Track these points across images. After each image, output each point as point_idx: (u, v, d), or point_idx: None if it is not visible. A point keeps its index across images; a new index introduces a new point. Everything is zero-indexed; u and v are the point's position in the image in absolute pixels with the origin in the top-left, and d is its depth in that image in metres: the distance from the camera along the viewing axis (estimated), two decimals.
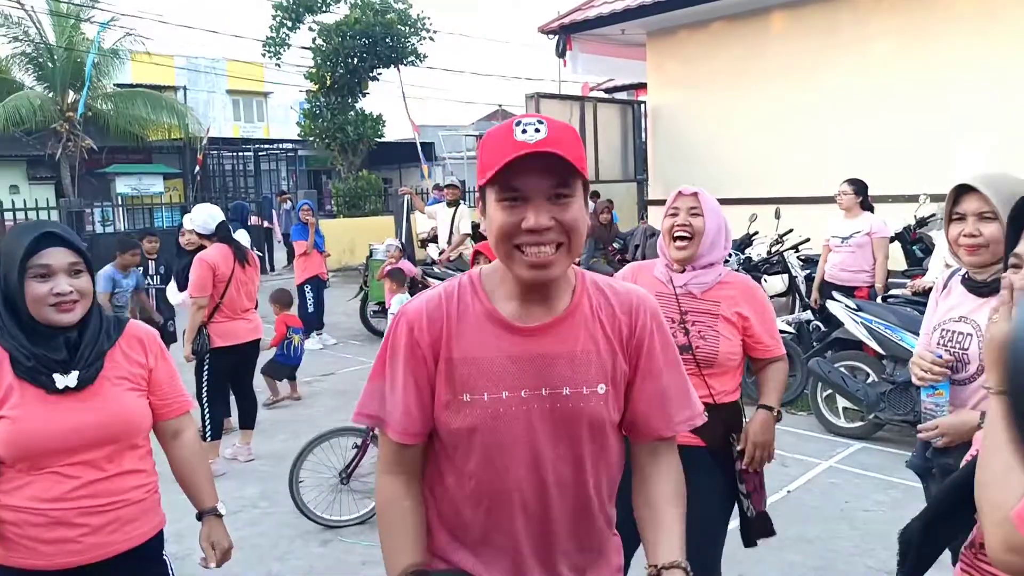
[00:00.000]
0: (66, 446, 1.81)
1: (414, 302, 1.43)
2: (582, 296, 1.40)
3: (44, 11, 17.42)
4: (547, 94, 10.14)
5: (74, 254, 1.86)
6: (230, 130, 26.20)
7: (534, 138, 1.24)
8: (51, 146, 17.37)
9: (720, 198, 8.35)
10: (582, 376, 1.36)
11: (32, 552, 1.83)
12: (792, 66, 8.65)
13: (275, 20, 17.36)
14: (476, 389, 1.34)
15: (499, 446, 1.35)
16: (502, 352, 1.35)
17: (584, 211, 1.34)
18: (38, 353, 1.81)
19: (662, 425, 1.43)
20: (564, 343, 1.36)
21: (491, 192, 1.30)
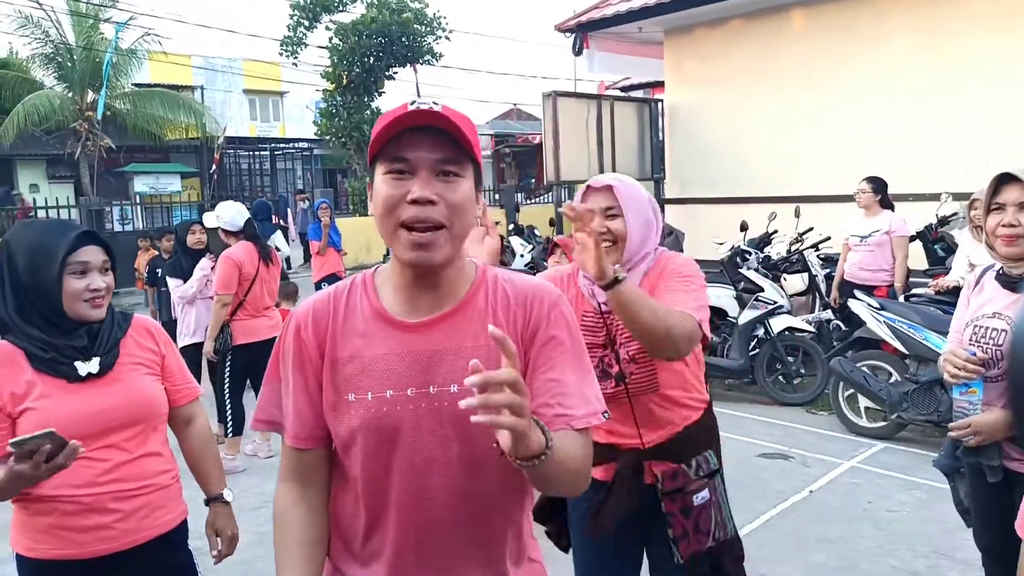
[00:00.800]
0: (93, 430, 1.86)
1: (304, 302, 1.38)
2: (478, 290, 1.32)
3: (64, 11, 17.59)
4: (564, 92, 10.11)
5: (105, 253, 1.97)
6: (246, 129, 26.36)
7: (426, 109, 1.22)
8: (70, 145, 17.53)
9: (739, 196, 8.33)
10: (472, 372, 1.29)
11: (65, 541, 1.85)
12: (811, 64, 8.58)
13: (292, 19, 17.45)
14: (360, 389, 1.28)
15: (384, 448, 1.27)
16: (387, 349, 1.28)
17: (473, 198, 1.27)
18: (57, 344, 1.87)
19: (558, 421, 1.26)
20: (453, 338, 1.28)
21: (379, 167, 1.25)
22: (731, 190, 9.13)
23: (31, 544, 1.88)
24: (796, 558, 3.65)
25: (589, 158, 10.04)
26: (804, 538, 3.83)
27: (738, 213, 7.54)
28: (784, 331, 6.13)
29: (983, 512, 2.33)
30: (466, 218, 1.26)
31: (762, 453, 5.01)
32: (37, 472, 1.63)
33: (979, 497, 2.32)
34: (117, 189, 19.42)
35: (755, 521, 4.03)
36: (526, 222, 14.07)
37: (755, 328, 6.25)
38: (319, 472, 1.37)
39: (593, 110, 10.09)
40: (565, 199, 16.70)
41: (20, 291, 1.89)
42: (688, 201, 9.88)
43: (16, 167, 20.48)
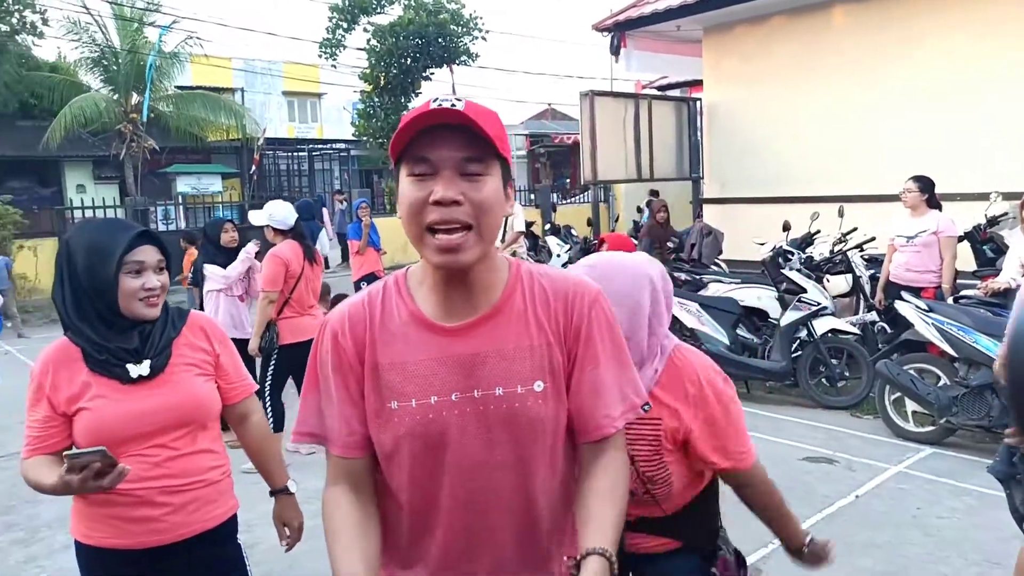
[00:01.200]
0: (143, 431, 1.90)
1: (338, 308, 1.35)
2: (514, 288, 1.30)
3: (109, 15, 18.00)
4: (601, 91, 10.06)
5: (160, 252, 1.99)
6: (285, 131, 26.69)
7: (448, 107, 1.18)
8: (116, 147, 17.93)
9: (780, 196, 8.23)
10: (516, 374, 1.25)
11: (118, 531, 1.91)
12: (855, 61, 8.43)
13: (331, 22, 17.64)
14: (404, 395, 1.26)
15: (431, 455, 1.26)
16: (428, 354, 1.26)
17: (501, 196, 1.23)
18: (111, 346, 1.90)
19: (602, 421, 1.29)
20: (493, 340, 1.26)
21: (403, 168, 1.22)
22: (772, 189, 9.01)
23: (87, 532, 1.94)
24: (842, 563, 3.57)
25: (626, 158, 9.99)
26: (850, 543, 3.76)
27: (779, 213, 7.44)
28: (828, 333, 6.03)
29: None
30: (493, 217, 1.23)
31: (806, 457, 4.93)
32: (84, 486, 1.67)
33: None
34: (160, 189, 19.81)
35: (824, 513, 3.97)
36: (562, 222, 14.04)
37: (797, 330, 6.16)
38: (369, 477, 1.34)
39: (631, 109, 10.03)
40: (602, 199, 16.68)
41: (78, 290, 1.92)
42: (727, 201, 9.77)
43: (64, 168, 21.00)
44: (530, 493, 1.29)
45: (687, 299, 6.56)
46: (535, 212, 16.01)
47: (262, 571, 2.22)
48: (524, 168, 26.44)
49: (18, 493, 4.71)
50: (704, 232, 8.94)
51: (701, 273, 7.91)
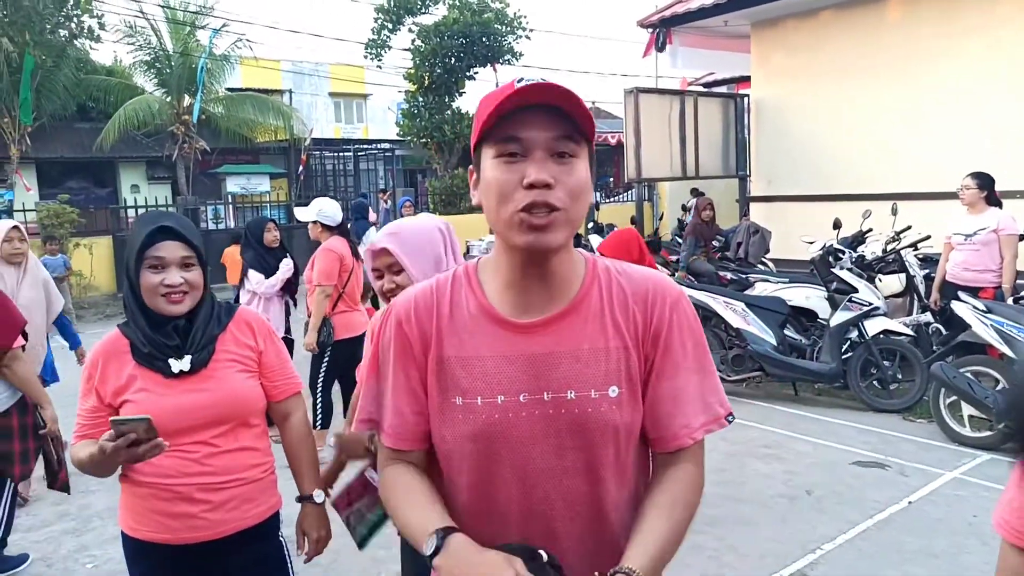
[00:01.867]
0: (183, 425, 1.90)
1: (404, 295, 1.30)
2: (591, 287, 1.23)
3: (162, 19, 18.46)
4: (646, 88, 9.94)
5: (187, 248, 1.93)
6: (331, 131, 27.05)
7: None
8: (168, 147, 18.40)
9: (830, 194, 8.06)
10: (590, 378, 1.18)
11: (160, 526, 1.92)
12: (910, 55, 8.17)
13: (376, 23, 17.81)
14: (469, 392, 1.19)
15: (495, 458, 1.20)
16: (497, 352, 1.20)
17: (590, 181, 1.18)
18: (154, 340, 1.91)
19: (680, 432, 1.22)
20: (567, 340, 1.19)
21: (487, 151, 1.16)
22: (821, 187, 8.79)
23: (133, 524, 1.97)
24: (895, 572, 3.47)
25: (671, 155, 9.85)
26: (903, 551, 3.64)
27: (829, 211, 7.26)
28: (880, 334, 5.86)
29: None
30: (582, 202, 1.16)
31: (856, 461, 4.79)
32: (117, 455, 1.68)
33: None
34: (211, 189, 20.24)
35: (849, 532, 3.86)
36: (606, 220, 13.94)
37: (848, 330, 5.99)
38: (423, 471, 1.29)
39: (676, 106, 9.89)
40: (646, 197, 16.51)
41: (130, 284, 1.94)
42: (775, 199, 9.57)
43: (119, 169, 21.62)
44: (598, 502, 1.22)
45: (733, 298, 6.44)
46: None
47: (301, 562, 2.21)
48: None
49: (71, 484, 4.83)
50: (751, 231, 8.78)
51: (747, 272, 7.77)
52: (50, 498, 4.45)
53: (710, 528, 3.92)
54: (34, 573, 3.68)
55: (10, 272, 4.03)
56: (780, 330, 6.30)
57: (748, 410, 5.93)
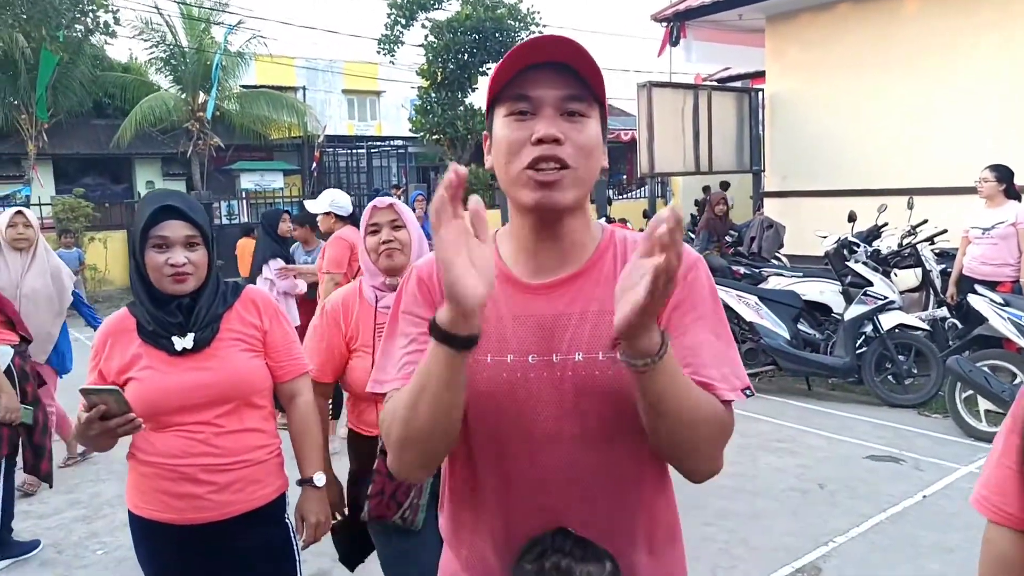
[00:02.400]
0: (186, 404, 1.89)
1: (425, 257, 1.30)
2: (606, 251, 1.21)
3: (177, 15, 18.58)
4: (659, 83, 9.88)
5: (191, 227, 1.91)
6: (344, 128, 27.12)
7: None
8: (183, 144, 18.51)
9: (845, 188, 7.98)
10: (598, 339, 1.15)
11: (165, 506, 1.92)
12: (927, 49, 8.08)
13: (390, 19, 17.83)
14: (480, 349, 1.12)
15: (501, 418, 1.17)
16: (508, 311, 1.18)
17: (601, 141, 1.16)
18: (159, 317, 1.91)
19: (713, 378, 1.13)
20: (577, 302, 1.17)
21: (499, 112, 1.16)
22: (836, 182, 8.71)
23: (139, 503, 1.96)
24: (909, 565, 3.42)
25: (684, 150, 9.78)
26: (918, 545, 3.59)
27: (843, 206, 7.18)
28: (895, 328, 5.79)
29: None
30: (594, 161, 1.15)
31: (870, 455, 4.74)
32: (90, 427, 1.70)
33: None
34: (225, 185, 20.34)
35: (862, 525, 3.81)
36: (618, 216, 13.89)
37: (863, 325, 5.92)
38: None
39: (689, 100, 9.83)
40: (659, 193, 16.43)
41: (137, 263, 1.94)
42: (789, 194, 9.49)
43: (135, 165, 21.76)
44: (609, 471, 1.17)
45: (746, 292, 6.38)
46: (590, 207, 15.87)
47: (314, 549, 2.20)
48: None
49: (82, 472, 4.87)
50: (765, 225, 8.71)
51: (761, 267, 7.71)
52: (61, 486, 4.48)
53: (721, 521, 3.88)
54: (45, 559, 3.70)
55: (15, 259, 4.02)
56: (794, 324, 6.25)
57: (761, 404, 5.89)
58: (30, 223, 4.09)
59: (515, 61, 1.12)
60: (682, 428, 1.07)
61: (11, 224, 4.01)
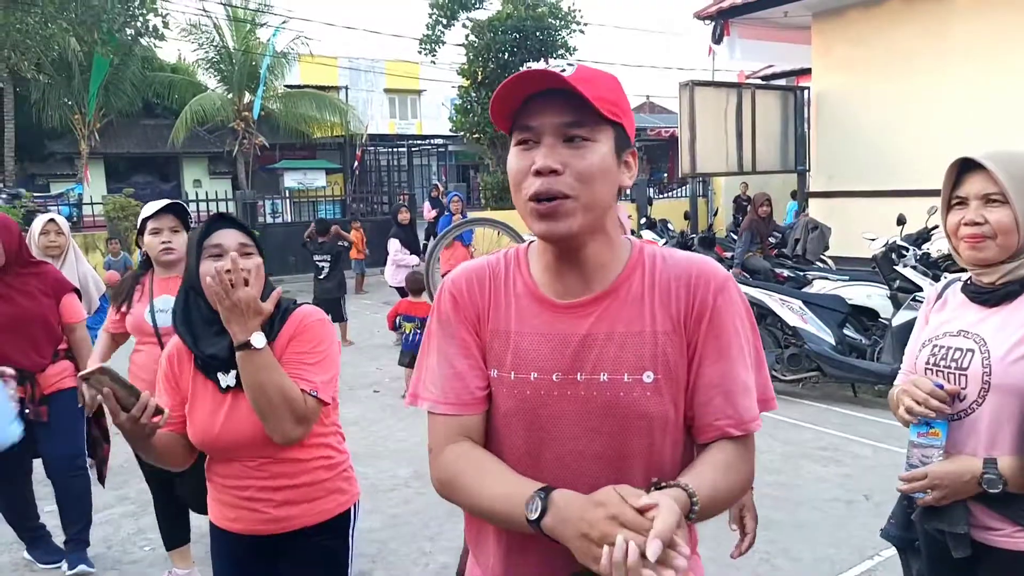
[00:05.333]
0: (238, 440, 1.88)
1: (458, 269, 1.30)
2: (634, 270, 1.20)
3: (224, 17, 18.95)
4: (701, 82, 9.79)
5: (244, 235, 1.93)
6: (386, 127, 27.39)
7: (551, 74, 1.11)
8: (229, 143, 18.90)
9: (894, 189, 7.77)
10: (623, 361, 1.16)
11: (231, 517, 1.97)
12: (980, 44, 7.84)
13: (431, 18, 17.93)
14: (503, 366, 1.19)
15: (525, 434, 1.19)
16: (534, 329, 1.19)
17: (610, 163, 1.14)
18: (202, 353, 1.88)
19: (726, 421, 1.16)
20: (604, 323, 1.17)
21: (512, 140, 1.18)
22: (885, 182, 8.52)
23: (215, 512, 2.02)
24: None
25: (727, 150, 9.67)
26: None
27: (892, 207, 7.01)
28: None
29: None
30: (599, 186, 1.13)
31: None
32: (118, 421, 1.62)
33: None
34: (269, 184, 20.69)
35: None
36: (659, 216, 13.77)
37: (912, 330, 5.77)
38: (483, 439, 1.23)
39: (732, 99, 9.71)
40: (700, 192, 16.24)
41: (187, 292, 1.92)
42: (835, 195, 9.31)
43: (182, 163, 22.27)
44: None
45: (790, 296, 6.27)
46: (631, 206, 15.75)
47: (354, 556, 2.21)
48: None
49: (130, 468, 4.97)
50: (810, 227, 8.55)
51: (805, 270, 7.57)
52: (110, 482, 4.60)
53: (762, 531, 3.80)
54: (95, 554, 3.79)
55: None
56: (839, 329, 6.12)
57: (804, 411, 5.78)
58: (62, 231, 4.15)
59: (511, 89, 1.13)
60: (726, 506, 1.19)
61: (44, 232, 4.09)
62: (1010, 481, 1.59)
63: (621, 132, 1.17)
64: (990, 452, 1.63)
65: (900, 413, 1.74)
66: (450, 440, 1.22)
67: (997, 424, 1.63)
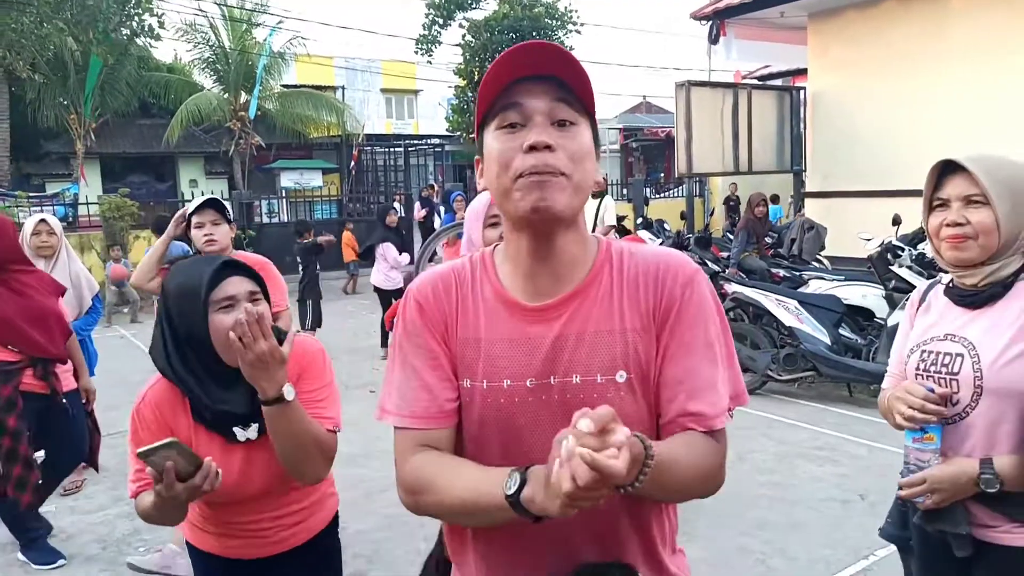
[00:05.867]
0: (249, 492, 1.81)
1: (422, 277, 1.27)
2: (602, 268, 1.18)
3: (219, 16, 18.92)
4: (698, 82, 9.79)
5: (251, 281, 1.78)
6: (383, 127, 27.35)
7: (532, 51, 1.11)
8: (225, 143, 18.86)
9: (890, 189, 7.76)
10: (596, 361, 1.13)
11: (221, 547, 1.92)
12: (976, 45, 7.86)
13: (427, 18, 17.93)
14: (476, 375, 1.16)
15: (502, 443, 1.16)
16: (503, 334, 1.16)
17: (593, 150, 1.14)
18: (217, 409, 1.74)
19: (689, 418, 1.13)
20: (573, 324, 1.15)
21: (489, 128, 1.15)
22: (881, 182, 8.53)
23: (196, 540, 1.96)
24: None
25: (723, 150, 9.68)
26: None
27: (888, 207, 7.02)
28: None
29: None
30: (587, 169, 1.13)
31: None
32: (173, 492, 1.53)
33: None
34: (265, 184, 20.66)
35: None
36: (655, 216, 13.79)
37: None
38: (450, 452, 1.20)
39: (729, 100, 9.72)
40: (696, 192, 16.26)
41: (179, 341, 1.75)
42: (831, 195, 9.33)
43: (179, 164, 22.22)
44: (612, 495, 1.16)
45: (786, 296, 6.28)
46: (627, 206, 15.77)
47: (348, 554, 2.22)
48: (617, 162, 26.13)
49: (124, 470, 4.96)
50: (805, 227, 8.56)
51: (801, 269, 7.58)
52: (105, 483, 4.59)
53: (758, 531, 3.83)
54: (90, 555, 3.79)
55: (40, 266, 4.11)
56: (835, 329, 6.13)
57: (799, 411, 5.78)
58: (54, 231, 4.15)
59: (502, 65, 1.11)
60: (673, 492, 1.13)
61: (35, 232, 4.08)
62: (1007, 480, 1.62)
63: (594, 126, 1.18)
64: (988, 453, 1.65)
65: (898, 421, 1.74)
66: (412, 450, 1.19)
67: (993, 426, 1.65)
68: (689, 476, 1.10)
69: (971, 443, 1.68)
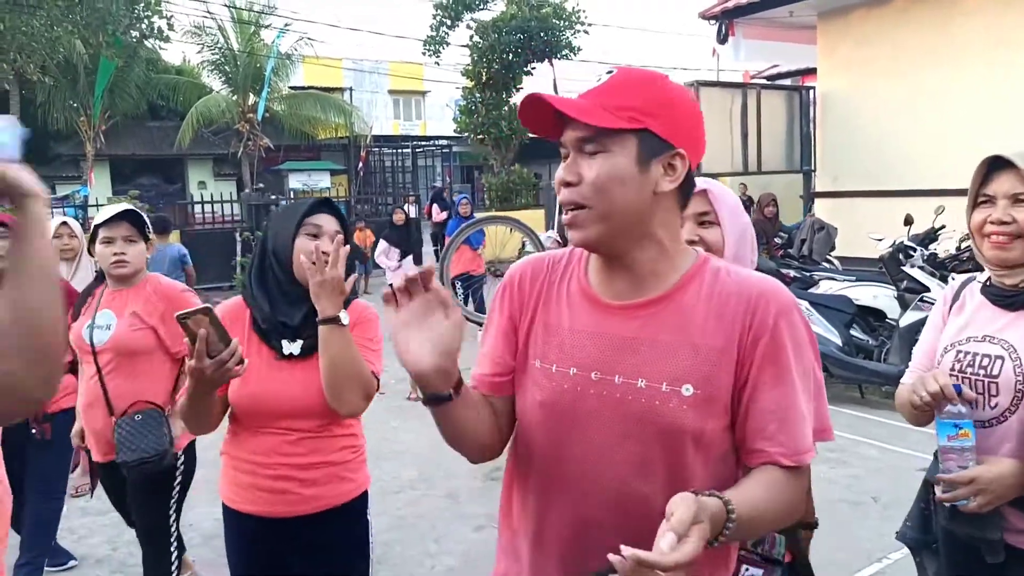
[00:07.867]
0: (284, 409, 1.94)
1: (521, 261, 1.36)
2: (690, 281, 1.18)
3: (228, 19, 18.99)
4: (706, 82, 9.78)
5: (339, 224, 2.04)
6: (390, 128, 27.41)
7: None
8: (233, 145, 18.93)
9: (900, 189, 7.70)
10: (663, 370, 1.14)
11: (257, 499, 1.99)
12: (988, 44, 7.80)
13: (435, 19, 17.95)
14: (546, 357, 1.23)
15: (558, 429, 1.21)
16: (581, 325, 1.21)
17: (625, 172, 1.12)
18: (274, 319, 1.95)
19: (778, 449, 1.13)
20: (649, 329, 1.16)
21: None
22: (891, 182, 8.48)
23: (232, 496, 2.04)
24: None
25: (732, 150, 9.65)
26: None
27: (898, 207, 6.98)
28: None
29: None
30: (616, 196, 1.14)
31: (923, 468, 4.58)
32: (202, 364, 1.63)
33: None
34: (273, 185, 20.70)
35: None
36: None
37: (919, 331, 5.73)
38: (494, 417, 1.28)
39: (738, 100, 9.68)
40: None
41: (265, 257, 2.01)
42: (841, 195, 9.28)
43: (188, 165, 22.32)
44: (648, 501, 1.14)
45: (796, 297, 6.21)
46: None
47: None
48: None
49: None
50: (816, 227, 8.52)
51: (812, 270, 7.54)
52: None
53: None
54: (100, 556, 3.80)
55: (62, 268, 4.11)
56: (846, 330, 6.09)
57: None
58: (75, 233, 4.13)
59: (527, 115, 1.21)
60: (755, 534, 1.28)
61: (57, 235, 4.07)
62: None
63: (648, 137, 1.14)
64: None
65: (916, 401, 1.64)
66: None
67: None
68: (769, 520, 1.14)
69: (1009, 447, 1.61)
